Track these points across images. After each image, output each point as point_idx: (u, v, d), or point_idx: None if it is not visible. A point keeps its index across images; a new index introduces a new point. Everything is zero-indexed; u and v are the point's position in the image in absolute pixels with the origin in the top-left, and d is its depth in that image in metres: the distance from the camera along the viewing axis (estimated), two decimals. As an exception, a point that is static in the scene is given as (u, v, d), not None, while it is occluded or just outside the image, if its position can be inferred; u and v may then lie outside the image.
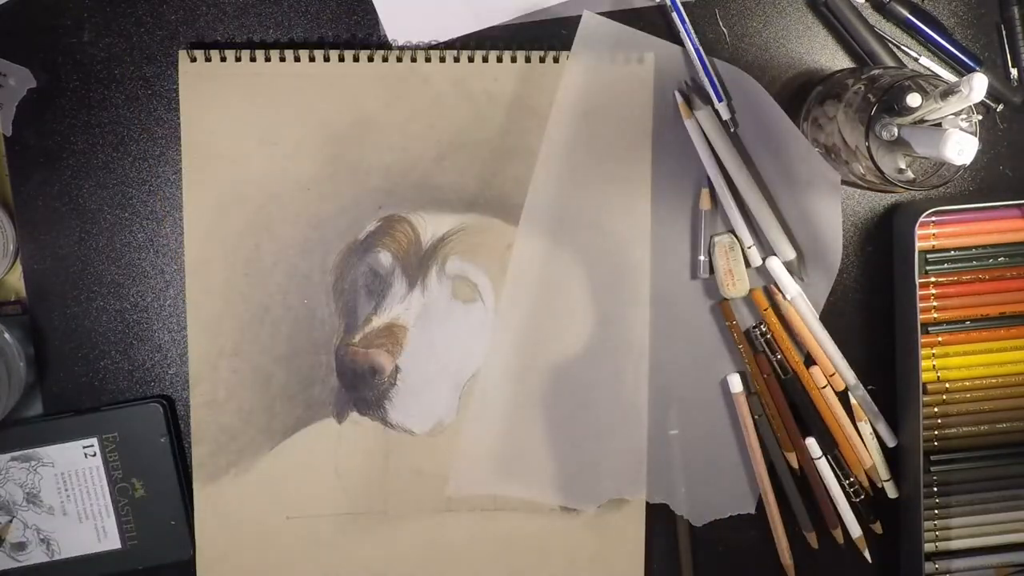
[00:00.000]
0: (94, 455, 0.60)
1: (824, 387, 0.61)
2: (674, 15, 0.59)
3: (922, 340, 0.60)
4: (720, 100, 0.60)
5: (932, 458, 0.61)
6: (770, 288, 0.62)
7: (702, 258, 0.61)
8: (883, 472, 0.63)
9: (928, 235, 0.60)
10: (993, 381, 0.62)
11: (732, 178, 0.60)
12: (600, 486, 0.62)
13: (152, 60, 0.60)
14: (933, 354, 0.61)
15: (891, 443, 0.63)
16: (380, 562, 0.62)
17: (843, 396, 0.62)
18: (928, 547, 0.61)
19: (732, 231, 0.61)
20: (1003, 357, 0.62)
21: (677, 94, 0.60)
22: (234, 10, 0.60)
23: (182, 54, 0.58)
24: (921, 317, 0.59)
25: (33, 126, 0.60)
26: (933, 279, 0.61)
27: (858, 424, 0.62)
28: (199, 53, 0.58)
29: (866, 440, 0.62)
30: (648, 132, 0.60)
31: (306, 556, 0.62)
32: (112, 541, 0.61)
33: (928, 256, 0.60)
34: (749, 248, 0.61)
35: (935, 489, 0.62)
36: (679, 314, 0.62)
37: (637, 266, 0.61)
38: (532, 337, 0.61)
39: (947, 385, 0.61)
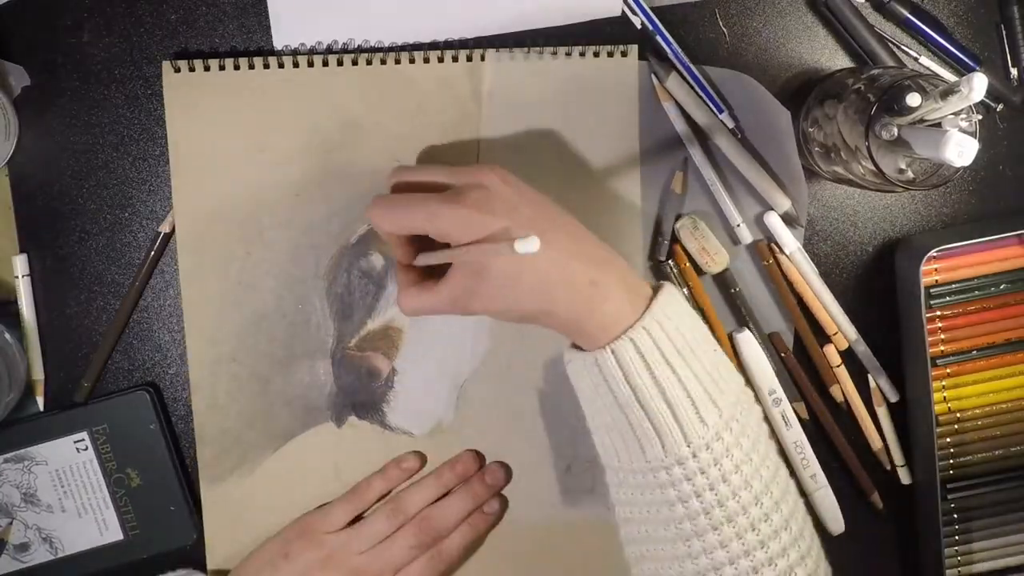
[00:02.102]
0: (86, 449, 0.60)
1: (838, 366, 0.62)
2: (657, 37, 0.60)
3: (932, 373, 0.60)
4: (721, 111, 0.60)
5: (949, 486, 0.61)
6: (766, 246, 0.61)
7: (666, 242, 0.61)
8: (897, 457, 0.63)
9: (930, 270, 0.60)
10: (1004, 407, 0.62)
11: (717, 143, 0.60)
12: (600, 478, 0.62)
13: (152, 60, 0.60)
14: (943, 386, 0.61)
15: (893, 399, 0.63)
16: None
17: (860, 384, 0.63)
18: (951, 573, 0.62)
19: (691, 213, 0.61)
20: (1012, 383, 0.62)
21: (653, 77, 0.60)
22: (233, 10, 0.60)
23: (166, 65, 0.58)
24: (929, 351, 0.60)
25: (33, 126, 0.60)
26: (939, 313, 0.61)
27: (876, 409, 0.62)
28: (183, 63, 0.58)
29: (883, 425, 0.62)
30: (635, 123, 0.60)
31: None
32: (114, 533, 0.61)
33: (931, 291, 0.60)
34: (738, 227, 0.60)
35: (955, 516, 0.62)
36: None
37: (629, 258, 0.61)
38: (528, 334, 0.61)
39: (958, 415, 0.61)
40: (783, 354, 0.62)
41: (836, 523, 0.62)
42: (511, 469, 0.58)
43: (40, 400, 0.61)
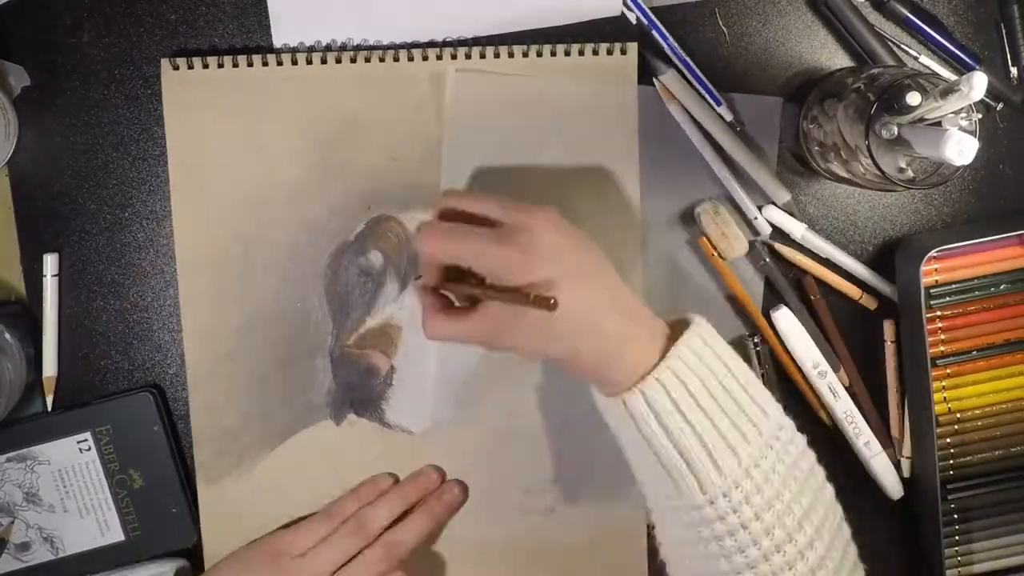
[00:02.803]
0: (89, 449, 0.60)
1: (894, 342, 0.62)
2: (653, 32, 0.60)
3: (932, 373, 0.60)
4: (719, 104, 0.60)
5: (949, 487, 0.61)
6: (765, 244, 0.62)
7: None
8: (907, 448, 0.63)
9: (931, 271, 0.60)
10: (1004, 407, 0.62)
11: (717, 139, 0.60)
12: (600, 477, 0.62)
13: (152, 60, 0.60)
14: (943, 386, 0.61)
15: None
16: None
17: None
18: (951, 573, 0.62)
19: (711, 198, 0.61)
20: (1011, 383, 0.62)
21: (656, 81, 0.60)
22: (233, 10, 0.60)
23: (164, 63, 0.58)
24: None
25: (33, 126, 0.60)
26: (939, 313, 0.61)
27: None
28: (181, 61, 0.58)
29: (905, 412, 0.63)
30: (634, 120, 0.60)
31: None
32: (115, 534, 0.61)
33: (931, 291, 0.60)
34: (755, 220, 0.61)
35: (955, 516, 0.62)
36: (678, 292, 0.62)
37: (629, 255, 0.61)
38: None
39: (958, 415, 0.61)
40: (823, 319, 0.62)
41: (895, 489, 0.62)
42: (467, 488, 0.59)
43: (50, 399, 0.61)
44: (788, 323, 0.61)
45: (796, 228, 0.61)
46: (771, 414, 0.49)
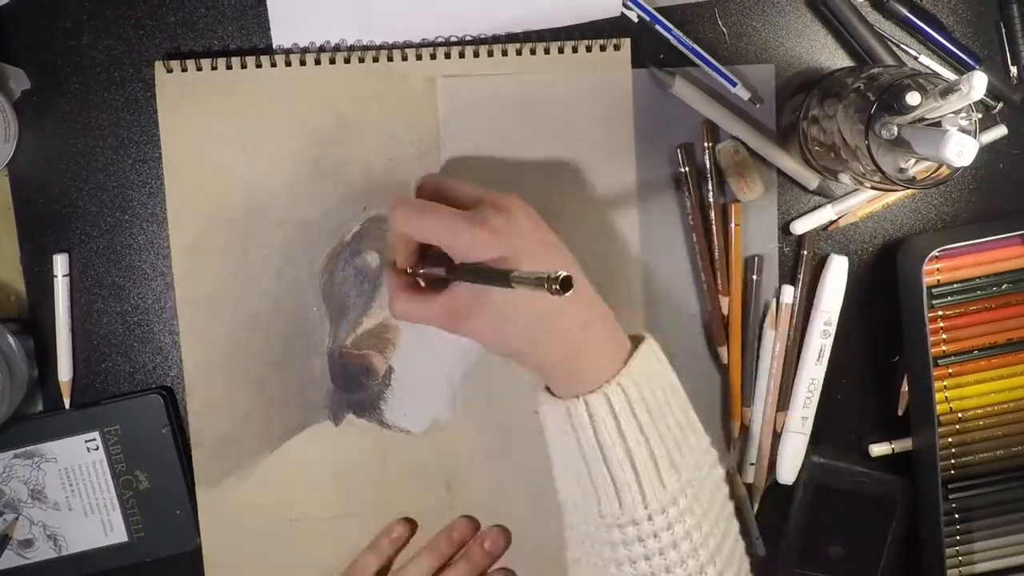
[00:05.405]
0: (96, 449, 0.60)
1: None
2: (656, 26, 0.60)
3: (933, 373, 0.60)
4: (735, 85, 0.60)
5: (949, 486, 0.62)
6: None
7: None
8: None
9: (932, 270, 0.60)
10: (1005, 407, 0.62)
11: (741, 137, 0.61)
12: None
13: (151, 63, 0.60)
14: (945, 386, 0.61)
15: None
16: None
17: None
18: (952, 573, 0.62)
19: (734, 137, 0.61)
20: (1013, 383, 0.62)
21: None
22: (233, 12, 0.60)
23: (158, 65, 0.58)
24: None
25: (33, 128, 0.60)
26: (940, 313, 0.61)
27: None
28: (175, 63, 0.58)
29: None
30: (629, 115, 0.60)
31: (309, 558, 0.62)
32: (119, 534, 0.61)
33: (933, 291, 0.60)
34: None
35: (956, 516, 0.62)
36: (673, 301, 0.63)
37: (627, 246, 0.61)
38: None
39: (960, 415, 0.61)
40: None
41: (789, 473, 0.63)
42: (510, 533, 0.58)
43: (67, 401, 0.61)
44: (839, 270, 0.62)
45: (827, 215, 0.62)
46: (702, 439, 0.50)
